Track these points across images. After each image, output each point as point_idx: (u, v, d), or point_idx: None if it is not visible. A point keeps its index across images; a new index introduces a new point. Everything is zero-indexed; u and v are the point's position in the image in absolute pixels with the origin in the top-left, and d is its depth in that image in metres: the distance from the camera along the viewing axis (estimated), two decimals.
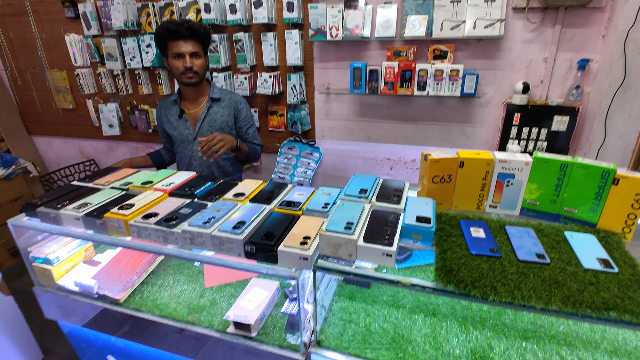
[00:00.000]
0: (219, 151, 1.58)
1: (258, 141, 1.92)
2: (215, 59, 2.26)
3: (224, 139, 1.60)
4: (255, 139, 1.91)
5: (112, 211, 1.25)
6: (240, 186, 1.43)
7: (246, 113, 1.86)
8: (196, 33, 1.65)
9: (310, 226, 1.13)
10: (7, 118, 3.13)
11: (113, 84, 2.73)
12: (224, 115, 1.82)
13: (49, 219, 1.34)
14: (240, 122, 1.85)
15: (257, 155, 1.90)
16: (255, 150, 1.87)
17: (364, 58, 2.14)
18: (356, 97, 2.25)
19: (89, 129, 2.99)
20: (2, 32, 2.87)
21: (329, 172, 2.49)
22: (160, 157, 1.99)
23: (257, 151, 1.89)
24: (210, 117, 1.81)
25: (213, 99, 1.82)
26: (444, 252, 1.01)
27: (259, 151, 1.91)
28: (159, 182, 1.50)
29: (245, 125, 1.87)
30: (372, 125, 2.30)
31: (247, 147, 1.81)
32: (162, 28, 1.64)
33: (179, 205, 1.31)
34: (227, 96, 1.85)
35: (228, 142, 1.63)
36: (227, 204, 1.27)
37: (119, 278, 1.47)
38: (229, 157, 1.88)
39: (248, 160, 1.88)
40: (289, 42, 2.09)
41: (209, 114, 1.81)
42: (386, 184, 1.32)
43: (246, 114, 1.86)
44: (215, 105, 1.82)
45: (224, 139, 1.60)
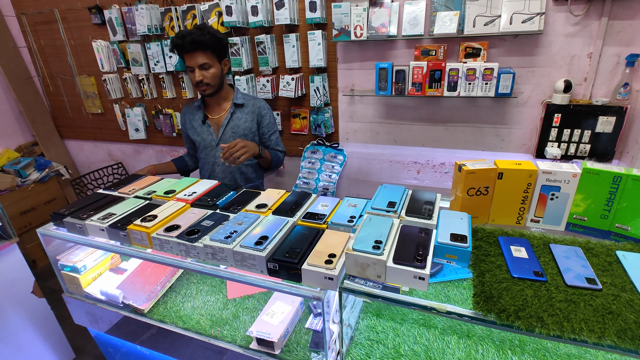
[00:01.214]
0: (240, 157, 1.55)
1: (281, 147, 1.88)
2: (237, 62, 2.23)
3: (247, 146, 1.57)
4: (278, 145, 1.87)
5: (135, 223, 1.24)
6: (263, 196, 1.39)
7: (269, 119, 1.82)
8: (200, 45, 1.58)
9: (335, 242, 1.08)
10: (40, 123, 3.24)
11: (138, 89, 2.76)
12: (247, 121, 1.79)
13: (75, 229, 1.35)
14: (263, 129, 1.82)
15: (280, 162, 1.87)
16: (278, 157, 1.84)
17: (390, 58, 2.05)
18: (381, 99, 2.16)
19: (117, 132, 3.05)
20: (34, 40, 2.96)
21: (353, 175, 2.43)
22: (184, 163, 1.98)
23: (280, 158, 1.85)
24: (233, 123, 1.78)
25: (237, 104, 1.79)
26: (482, 274, 0.93)
27: (282, 158, 1.87)
28: (181, 191, 1.49)
29: (268, 131, 1.83)
30: (398, 127, 2.21)
31: (270, 154, 1.77)
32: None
33: (201, 217, 1.28)
34: (250, 102, 1.81)
35: (250, 149, 1.59)
36: (249, 216, 1.24)
37: (143, 288, 1.47)
38: (251, 164, 1.85)
39: (271, 167, 1.84)
40: (312, 43, 2.03)
41: (232, 119, 1.78)
42: (416, 195, 1.24)
43: (269, 120, 1.82)
44: (238, 111, 1.79)
45: (246, 145, 1.57)
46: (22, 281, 1.99)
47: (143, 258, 1.24)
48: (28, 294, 2.02)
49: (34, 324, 2.04)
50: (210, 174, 1.87)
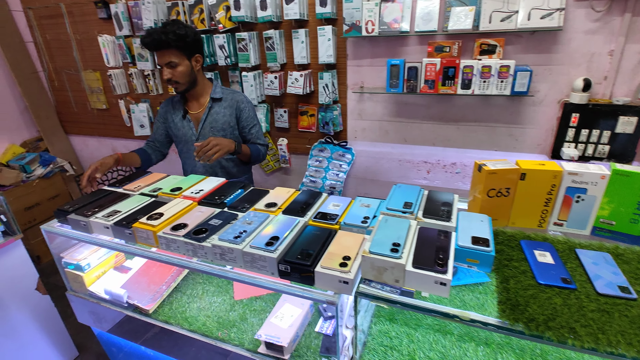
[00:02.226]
0: (213, 155, 1.51)
1: (262, 141, 1.83)
2: (244, 58, 2.18)
3: (220, 144, 1.52)
4: (259, 138, 1.82)
5: (141, 221, 1.20)
6: (272, 195, 1.35)
7: (248, 113, 1.78)
8: (164, 44, 1.55)
9: (349, 244, 1.03)
10: (45, 118, 3.22)
11: (144, 84, 2.73)
12: (225, 115, 1.75)
13: (79, 226, 1.31)
14: (242, 122, 1.78)
15: (261, 155, 1.82)
16: (259, 152, 1.79)
17: (402, 54, 2.00)
18: (392, 97, 2.11)
19: (121, 128, 3.02)
20: (40, 34, 2.93)
21: (361, 174, 2.38)
22: (148, 156, 1.87)
23: (261, 152, 1.80)
24: (211, 117, 1.75)
25: (214, 99, 1.75)
26: (506, 280, 0.88)
27: (263, 152, 1.83)
28: (187, 188, 1.44)
29: (247, 125, 1.79)
30: (408, 126, 2.16)
31: (249, 149, 1.73)
32: (140, 40, 1.66)
33: (209, 216, 1.24)
34: (229, 96, 1.77)
35: (224, 146, 1.54)
36: (258, 215, 1.19)
37: (148, 287, 1.43)
38: (232, 159, 1.82)
39: (251, 161, 1.80)
40: (322, 38, 1.99)
41: (210, 114, 1.75)
42: (433, 196, 1.19)
43: (248, 114, 1.78)
44: (216, 106, 1.75)
45: (220, 143, 1.52)
46: (26, 278, 1.96)
47: (148, 257, 1.20)
48: (32, 291, 1.99)
49: (38, 321, 2.01)
50: (192, 169, 1.85)
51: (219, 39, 2.21)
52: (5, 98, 3.07)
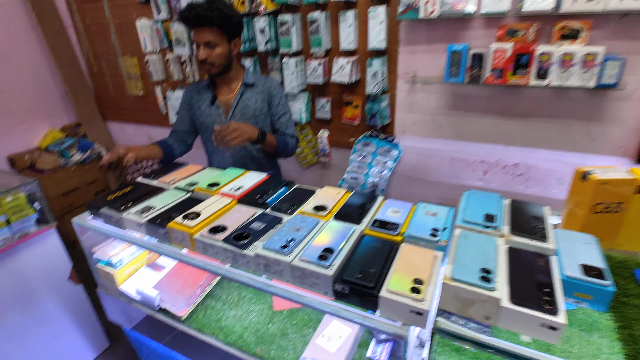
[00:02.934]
0: (233, 141, 1.38)
1: (291, 132, 1.67)
2: (286, 43, 2.02)
3: (239, 129, 1.39)
4: (289, 129, 1.67)
5: (177, 221, 1.08)
6: (320, 196, 1.19)
7: (280, 99, 1.64)
8: (206, 21, 1.42)
9: (418, 262, 0.86)
10: (84, 104, 3.22)
11: (180, 71, 2.63)
12: (257, 101, 1.62)
13: (111, 221, 1.21)
14: (272, 109, 1.64)
15: (288, 148, 1.65)
16: (286, 144, 1.63)
17: (465, 39, 1.77)
18: (449, 87, 1.89)
19: (157, 116, 2.96)
20: (80, 18, 2.90)
21: (407, 172, 2.18)
22: (171, 149, 1.72)
23: (288, 144, 1.64)
24: (243, 103, 1.62)
25: (246, 84, 1.62)
26: (629, 325, 0.68)
27: (292, 145, 1.67)
28: (226, 184, 1.31)
29: (277, 112, 1.65)
30: (465, 120, 1.93)
31: (275, 140, 1.58)
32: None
33: (250, 217, 1.10)
34: (261, 81, 1.64)
35: (245, 132, 1.41)
36: (307, 220, 1.04)
37: (181, 290, 1.32)
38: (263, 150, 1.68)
39: (277, 154, 1.65)
40: (373, 21, 1.79)
41: (242, 100, 1.62)
42: (518, 207, 0.99)
43: (280, 100, 1.64)
44: (248, 91, 1.62)
45: (239, 128, 1.39)
46: (59, 267, 1.92)
47: (183, 261, 1.08)
48: (65, 280, 1.95)
49: (69, 311, 1.98)
50: (220, 160, 1.72)
51: (259, 22, 2.06)
52: (46, 83, 3.09)
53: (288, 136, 1.67)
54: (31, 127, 3.05)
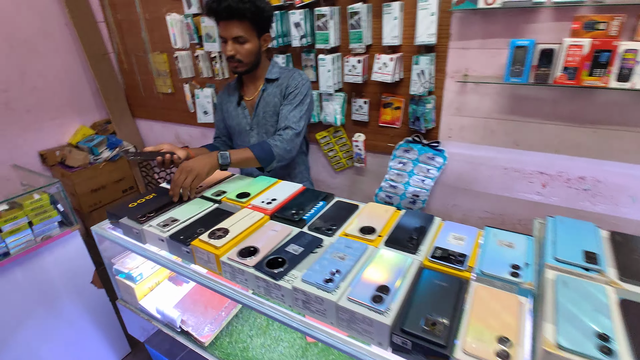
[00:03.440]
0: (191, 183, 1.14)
1: (290, 123, 1.39)
2: (323, 38, 1.86)
3: (191, 168, 1.16)
4: (287, 120, 1.40)
5: (202, 239, 0.94)
6: (365, 214, 1.02)
7: (294, 89, 1.42)
8: (238, 13, 1.27)
9: (497, 309, 0.67)
10: (114, 101, 3.19)
11: (210, 68, 2.53)
12: (275, 95, 1.46)
13: (131, 233, 1.09)
14: (284, 101, 1.45)
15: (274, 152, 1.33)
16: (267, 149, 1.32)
17: (529, 33, 1.55)
18: (507, 88, 1.67)
19: (185, 114, 2.88)
20: (111, 13, 2.86)
21: (451, 182, 1.97)
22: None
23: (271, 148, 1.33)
24: (264, 101, 1.47)
25: (268, 79, 1.47)
26: None
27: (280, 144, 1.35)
28: (257, 195, 1.17)
29: (284, 103, 1.43)
30: (524, 126, 1.70)
31: (249, 153, 1.30)
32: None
33: (285, 238, 0.95)
34: (285, 74, 1.48)
35: (195, 166, 1.16)
36: (352, 245, 0.87)
37: (204, 311, 1.19)
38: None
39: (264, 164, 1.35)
40: (423, 13, 1.59)
41: (263, 97, 1.47)
42: (621, 242, 0.78)
43: (293, 91, 1.42)
44: (270, 87, 1.47)
45: (191, 167, 1.16)
46: (82, 270, 1.86)
47: (208, 287, 0.94)
48: (87, 284, 1.89)
49: (91, 315, 1.92)
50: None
51: (294, 16, 1.91)
52: (78, 79, 3.08)
53: (276, 134, 1.39)
54: (63, 123, 3.05)
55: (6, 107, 2.67)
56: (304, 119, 1.44)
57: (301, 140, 1.47)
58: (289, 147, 1.38)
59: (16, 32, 2.64)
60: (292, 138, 1.39)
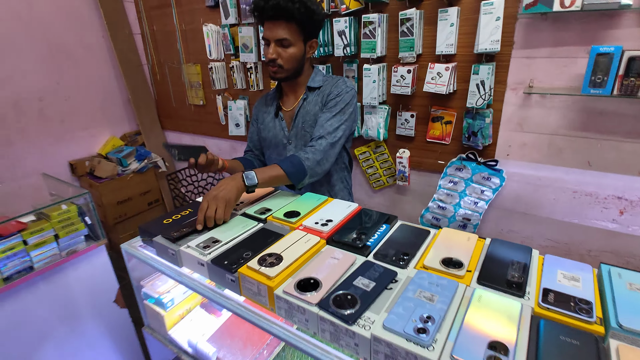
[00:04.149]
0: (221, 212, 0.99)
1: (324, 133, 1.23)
2: (370, 46, 1.74)
3: (218, 197, 1.01)
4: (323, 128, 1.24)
5: (251, 266, 0.79)
6: (442, 243, 0.85)
7: (335, 98, 1.28)
8: (285, 13, 1.16)
9: None
10: (145, 112, 3.17)
11: (244, 79, 2.46)
12: (316, 104, 1.32)
13: (166, 254, 0.96)
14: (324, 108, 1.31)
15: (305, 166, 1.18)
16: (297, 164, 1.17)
17: (609, 40, 1.37)
18: (580, 101, 1.49)
19: (216, 126, 2.81)
20: (148, 25, 2.86)
21: (508, 205, 1.77)
22: (252, 166, 1.49)
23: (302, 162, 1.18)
24: (303, 110, 1.33)
25: (310, 87, 1.33)
26: None
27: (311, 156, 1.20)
28: (308, 215, 1.02)
29: (323, 110, 1.29)
30: (599, 144, 1.51)
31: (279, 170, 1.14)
32: (253, 2, 1.20)
33: (349, 268, 0.79)
34: (328, 81, 1.34)
35: (224, 194, 1.01)
36: (438, 282, 0.70)
37: (243, 348, 1.03)
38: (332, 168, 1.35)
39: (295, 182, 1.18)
40: (486, 17, 1.45)
41: (303, 106, 1.33)
42: None
43: (334, 98, 1.28)
44: (311, 95, 1.33)
45: (217, 196, 1.01)
46: (106, 287, 1.74)
47: (253, 322, 0.78)
48: (110, 303, 1.76)
49: (113, 338, 1.79)
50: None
51: (339, 24, 1.80)
52: (111, 90, 3.07)
53: (307, 146, 1.23)
54: (94, 134, 3.03)
55: (40, 115, 2.67)
56: (341, 129, 1.27)
57: (337, 152, 1.29)
58: (321, 158, 1.21)
59: (56, 41, 2.66)
60: (325, 149, 1.23)
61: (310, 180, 1.23)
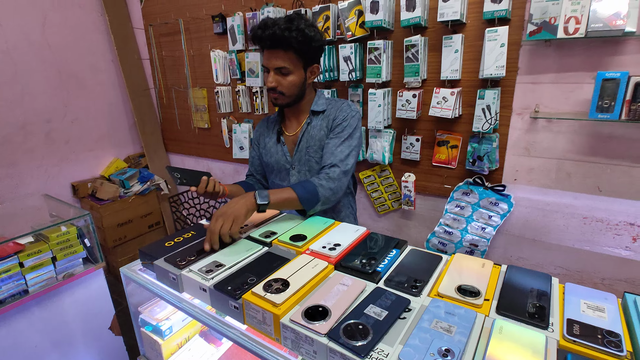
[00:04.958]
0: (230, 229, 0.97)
1: (337, 161, 1.22)
2: (375, 71, 1.76)
3: (223, 214, 0.99)
4: (334, 156, 1.23)
5: (256, 292, 0.75)
6: (455, 269, 0.82)
7: (341, 122, 1.27)
8: (282, 43, 1.15)
9: None
10: (150, 135, 3.19)
11: (249, 103, 2.48)
12: (321, 129, 1.30)
13: (166, 278, 0.92)
14: (329, 133, 1.29)
15: (319, 193, 1.17)
16: (312, 190, 1.16)
17: (613, 66, 1.38)
18: (587, 126, 1.48)
19: (220, 149, 2.81)
20: (157, 51, 2.93)
21: (517, 231, 1.73)
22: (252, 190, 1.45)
23: (316, 189, 1.17)
24: (307, 135, 1.31)
25: (314, 112, 1.32)
26: None
27: (326, 184, 1.19)
28: (314, 239, 0.99)
29: (331, 136, 1.28)
30: (608, 168, 1.49)
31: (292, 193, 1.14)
32: (251, 31, 1.20)
33: (359, 295, 0.75)
34: (332, 105, 1.32)
35: (229, 211, 0.99)
36: (455, 311, 0.66)
37: None
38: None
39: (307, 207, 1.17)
40: (491, 44, 1.47)
41: (307, 131, 1.31)
42: None
43: (341, 123, 1.27)
44: (315, 120, 1.32)
45: (223, 213, 0.99)
46: (102, 312, 1.68)
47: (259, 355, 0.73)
48: (105, 329, 1.70)
49: None
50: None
51: (344, 50, 1.83)
52: (118, 113, 3.11)
53: (322, 173, 1.23)
54: (98, 155, 3.04)
55: (47, 138, 2.68)
56: (352, 156, 1.26)
57: (349, 180, 1.29)
58: (334, 186, 1.21)
59: (67, 66, 2.71)
60: (339, 177, 1.22)
61: (322, 207, 1.22)
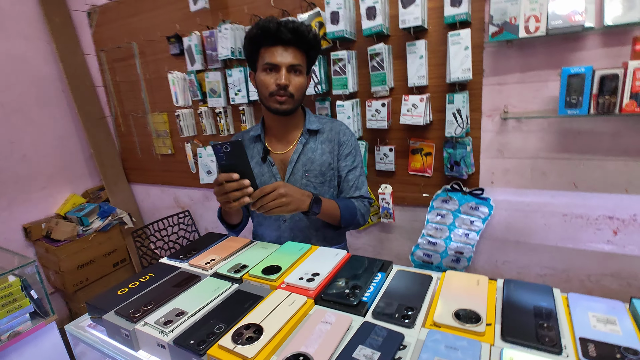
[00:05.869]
0: (272, 209, 0.97)
1: (364, 192, 1.29)
2: (341, 83, 1.71)
3: (287, 195, 0.98)
4: (360, 189, 1.27)
5: (223, 344, 0.64)
6: (449, 290, 0.73)
7: (350, 149, 1.26)
8: (303, 39, 1.11)
9: None
10: (109, 166, 2.98)
11: (214, 124, 2.36)
12: (324, 152, 1.22)
13: (118, 334, 0.78)
14: (340, 162, 1.25)
15: (358, 218, 1.24)
16: (354, 212, 1.22)
17: (576, 62, 1.39)
18: (555, 123, 1.48)
19: (186, 176, 2.66)
20: (110, 77, 2.77)
21: (499, 234, 1.69)
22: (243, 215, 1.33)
23: (357, 213, 1.24)
24: (305, 157, 1.22)
25: (310, 130, 1.24)
26: None
27: (363, 212, 1.27)
28: (289, 269, 0.88)
29: (346, 166, 1.25)
30: (582, 164, 1.48)
31: (336, 207, 1.17)
32: (258, 27, 1.10)
33: (345, 334, 0.65)
34: (327, 125, 1.26)
35: (292, 200, 0.99)
36: (455, 343, 0.57)
37: None
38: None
39: (342, 225, 1.23)
40: (454, 48, 1.45)
41: (304, 152, 1.22)
42: None
43: (350, 151, 1.25)
44: (312, 141, 1.23)
45: (289, 194, 0.98)
46: None
47: None
48: None
49: None
50: (272, 232, 1.27)
51: None
52: (71, 146, 2.90)
53: (358, 200, 1.26)
54: (52, 193, 2.79)
55: None
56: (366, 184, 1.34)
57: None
58: (366, 218, 1.29)
59: (11, 102, 2.50)
60: (368, 208, 1.31)
61: (347, 229, 1.30)
